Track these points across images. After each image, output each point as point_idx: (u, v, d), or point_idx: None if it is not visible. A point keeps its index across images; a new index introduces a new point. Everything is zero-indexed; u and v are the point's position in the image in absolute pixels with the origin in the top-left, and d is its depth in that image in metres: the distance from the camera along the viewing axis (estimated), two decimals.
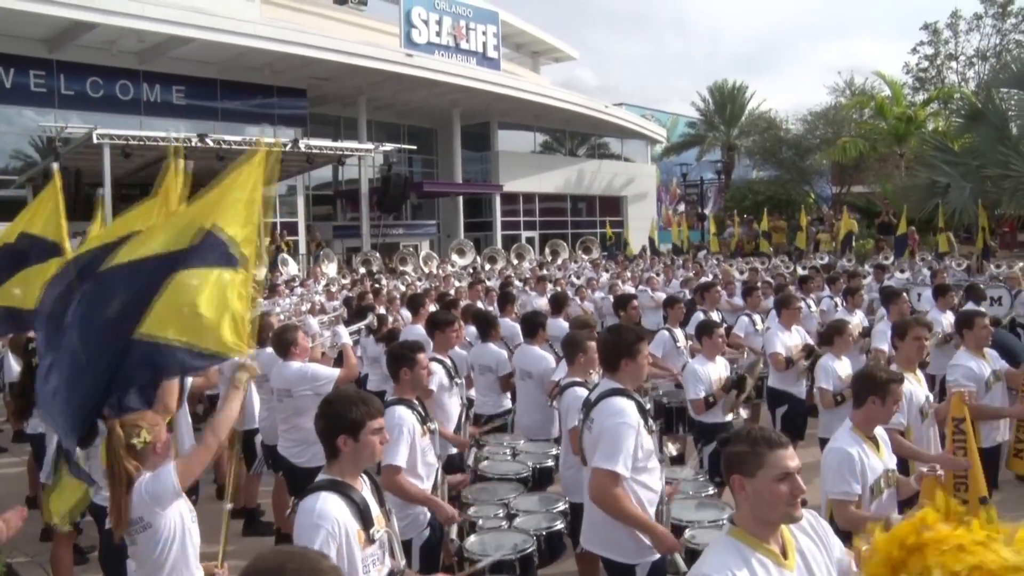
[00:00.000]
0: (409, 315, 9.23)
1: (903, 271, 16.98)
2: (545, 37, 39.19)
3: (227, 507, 4.00)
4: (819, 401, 6.35)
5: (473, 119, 34.56)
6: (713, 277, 14.90)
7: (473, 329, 7.95)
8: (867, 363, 6.95)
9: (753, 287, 10.65)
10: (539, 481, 5.36)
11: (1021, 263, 17.05)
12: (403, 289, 15.37)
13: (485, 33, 32.54)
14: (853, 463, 3.78)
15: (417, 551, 4.20)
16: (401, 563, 3.07)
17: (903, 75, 38.46)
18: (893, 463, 4.05)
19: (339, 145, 24.71)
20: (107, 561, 4.14)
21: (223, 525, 3.90)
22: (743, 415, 6.50)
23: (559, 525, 4.47)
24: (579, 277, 18.02)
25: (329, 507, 2.79)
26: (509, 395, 7.14)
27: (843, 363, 6.34)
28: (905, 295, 8.75)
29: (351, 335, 7.37)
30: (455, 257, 23.67)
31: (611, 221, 37.14)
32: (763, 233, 26.40)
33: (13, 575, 5.21)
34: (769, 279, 14.61)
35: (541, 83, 37.17)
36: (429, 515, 4.34)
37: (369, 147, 25.65)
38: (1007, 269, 14.88)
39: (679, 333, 8.33)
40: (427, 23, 30.22)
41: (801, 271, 16.53)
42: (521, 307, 11.07)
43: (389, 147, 26.35)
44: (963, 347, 5.96)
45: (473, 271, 20.75)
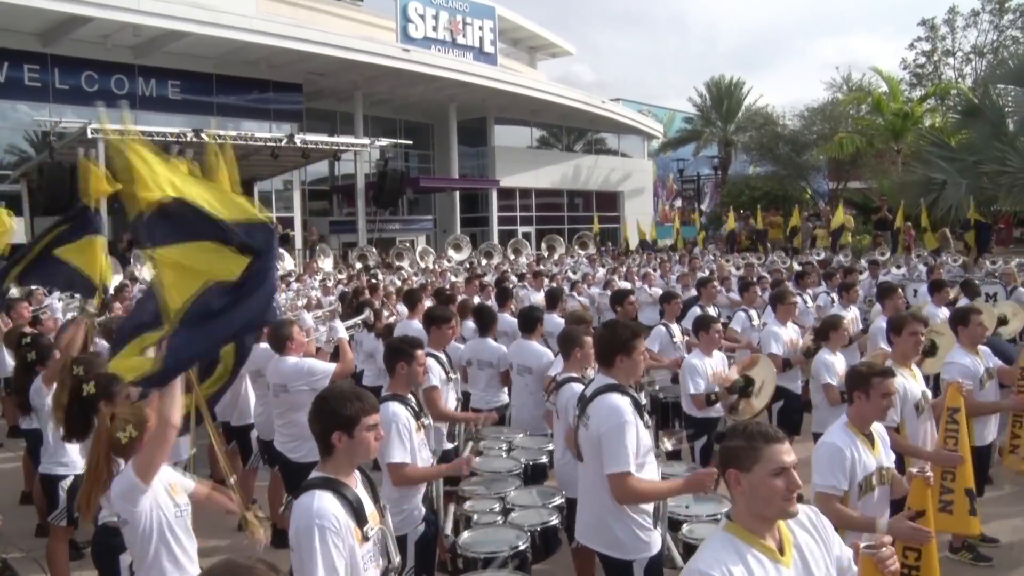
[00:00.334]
0: (405, 310, 9.23)
1: (899, 267, 17.00)
2: (542, 32, 39.10)
3: (231, 480, 4.03)
4: (814, 397, 6.35)
5: (469, 114, 34.49)
6: (709, 273, 14.90)
7: (470, 324, 7.95)
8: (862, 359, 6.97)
9: (750, 283, 10.65)
10: (533, 477, 5.36)
11: (1017, 259, 17.11)
12: (399, 284, 15.34)
13: (482, 28, 32.42)
14: (843, 458, 3.77)
15: (412, 547, 4.19)
16: (395, 560, 3.07)
17: (900, 71, 38.65)
18: (890, 461, 4.02)
19: (335, 140, 24.68)
20: (99, 557, 4.14)
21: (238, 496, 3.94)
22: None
23: (554, 520, 4.48)
24: (575, 272, 18.00)
25: (326, 505, 2.79)
26: (507, 389, 7.14)
27: (839, 358, 6.34)
28: (901, 291, 8.75)
29: (347, 330, 7.37)
30: (451, 252, 23.65)
31: (606, 216, 37.12)
32: (758, 232, 26.42)
33: (9, 570, 5.20)
34: (766, 275, 14.62)
35: (538, 78, 37.10)
36: (424, 511, 4.35)
37: (365, 142, 25.60)
38: (1003, 265, 14.89)
39: (676, 329, 8.32)
40: (423, 18, 30.10)
41: (797, 267, 16.54)
42: (518, 302, 11.05)
43: (385, 142, 26.28)
44: (958, 344, 5.97)
45: (470, 266, 20.74)
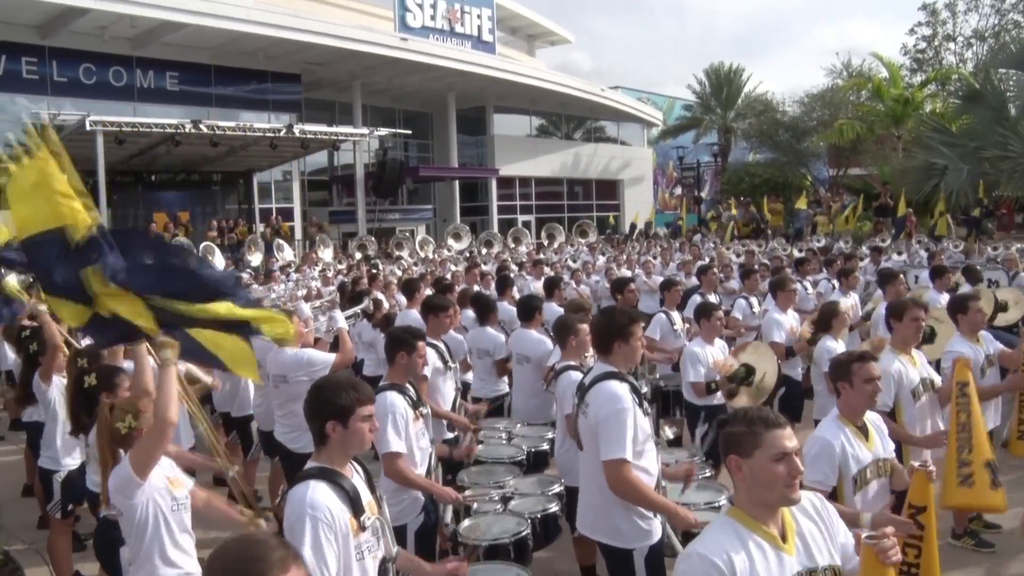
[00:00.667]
0: (405, 300, 9.21)
1: (900, 253, 16.97)
2: (540, 20, 38.97)
3: (231, 474, 4.02)
4: (816, 384, 6.33)
5: (468, 103, 34.41)
6: (710, 260, 14.87)
7: (470, 313, 7.93)
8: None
9: (751, 270, 10.62)
10: (534, 465, 5.35)
11: (1018, 244, 17.06)
12: (399, 274, 15.33)
13: (480, 17, 32.29)
14: (831, 453, 3.70)
15: (412, 536, 4.19)
16: (394, 550, 3.05)
17: (901, 56, 38.41)
18: (888, 452, 3.94)
19: (334, 130, 24.65)
20: (101, 549, 4.14)
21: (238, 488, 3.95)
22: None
23: (554, 508, 4.48)
24: (575, 261, 17.99)
25: (319, 496, 2.76)
26: (506, 379, 7.13)
27: (840, 345, 6.32)
28: (902, 277, 8.73)
29: (347, 320, 7.35)
30: (451, 242, 23.65)
31: (608, 205, 37.06)
32: (763, 220, 26.37)
33: (11, 562, 5.20)
34: (766, 262, 14.59)
35: (537, 67, 36.99)
36: (424, 500, 4.34)
37: (364, 132, 25.57)
38: (1004, 251, 14.85)
39: (676, 316, 8.30)
40: (421, 7, 29.97)
41: (798, 253, 16.51)
42: (518, 291, 11.03)
43: (384, 132, 26.26)
44: (957, 332, 5.94)
45: (469, 255, 20.71)
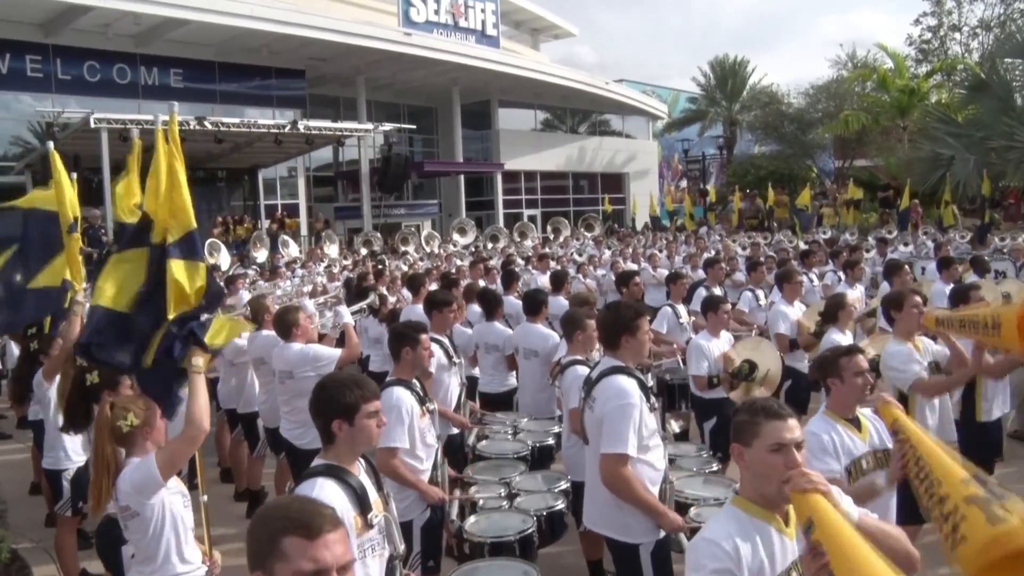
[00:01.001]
0: (410, 295, 9.21)
1: (906, 244, 16.90)
2: (544, 14, 38.87)
3: (202, 499, 3.99)
4: None
5: (473, 97, 34.32)
6: (715, 253, 14.83)
7: (477, 308, 7.91)
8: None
9: (757, 262, 10.59)
10: (539, 460, 5.34)
11: None
12: (405, 269, 15.32)
13: (484, 11, 32.20)
14: (823, 442, 3.62)
15: (418, 532, 4.19)
16: (400, 547, 3.05)
17: (906, 47, 38.25)
18: (887, 442, 3.73)
19: (339, 126, 24.60)
20: (103, 548, 4.14)
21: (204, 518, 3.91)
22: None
23: (560, 504, 4.46)
24: (581, 255, 17.96)
25: (327, 493, 2.75)
26: (514, 373, 7.11)
27: (847, 337, 6.29)
28: (907, 268, 8.69)
29: (353, 316, 7.35)
30: (456, 236, 23.59)
31: (613, 198, 36.97)
32: (767, 211, 26.28)
33: (18, 560, 5.21)
34: (772, 254, 14.55)
35: (541, 60, 36.90)
36: None
37: (369, 127, 25.51)
38: (1011, 241, 14.78)
39: (682, 309, 8.28)
40: (425, 1, 29.88)
41: (804, 245, 16.45)
42: (524, 285, 11.02)
43: (389, 127, 26.20)
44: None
45: (475, 250, 20.68)
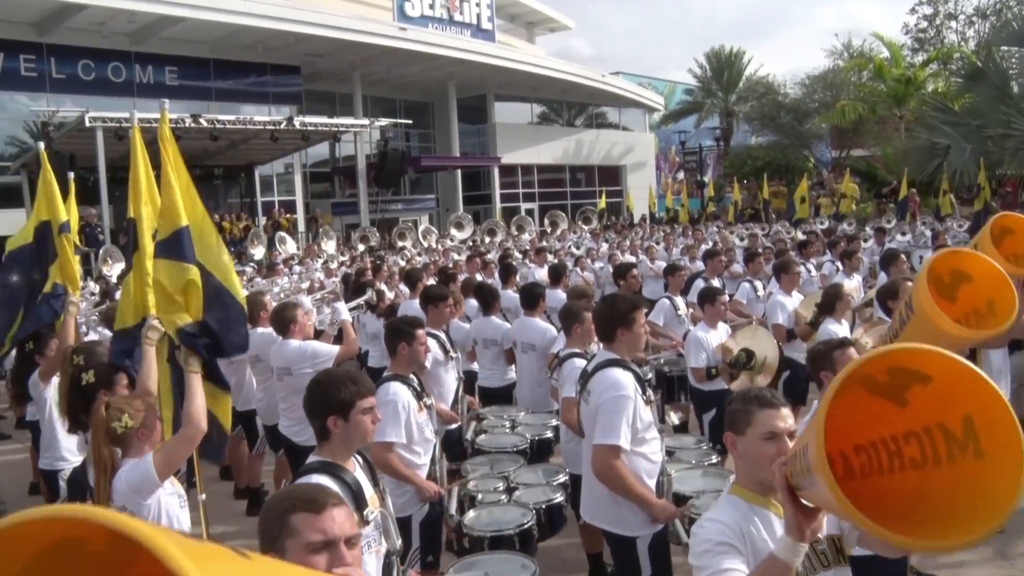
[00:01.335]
0: (408, 290, 9.20)
1: (904, 234, 16.90)
2: (539, 7, 38.75)
3: (201, 498, 3.99)
4: None
5: (469, 92, 34.26)
6: (713, 244, 14.83)
7: (475, 302, 7.91)
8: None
9: (755, 253, 10.60)
10: (538, 453, 5.34)
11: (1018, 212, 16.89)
12: (402, 264, 15.30)
13: (479, 4, 32.06)
14: None
15: (417, 527, 4.19)
16: (397, 543, 3.05)
17: (902, 36, 38.21)
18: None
19: (335, 122, 24.53)
20: None
21: (201, 513, 3.91)
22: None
23: (559, 498, 4.47)
24: (579, 248, 17.94)
25: None
26: (514, 367, 7.12)
27: (844, 328, 6.31)
28: (904, 257, 8.69)
29: (350, 311, 7.35)
30: (453, 231, 23.55)
31: (610, 191, 36.94)
32: (764, 201, 26.29)
33: None
34: (770, 244, 14.55)
35: (537, 54, 36.81)
36: None
37: (365, 123, 25.47)
38: None
39: (680, 301, 8.27)
40: None
41: (801, 236, 16.45)
42: (521, 279, 11.01)
43: (385, 122, 26.15)
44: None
45: (473, 244, 20.66)
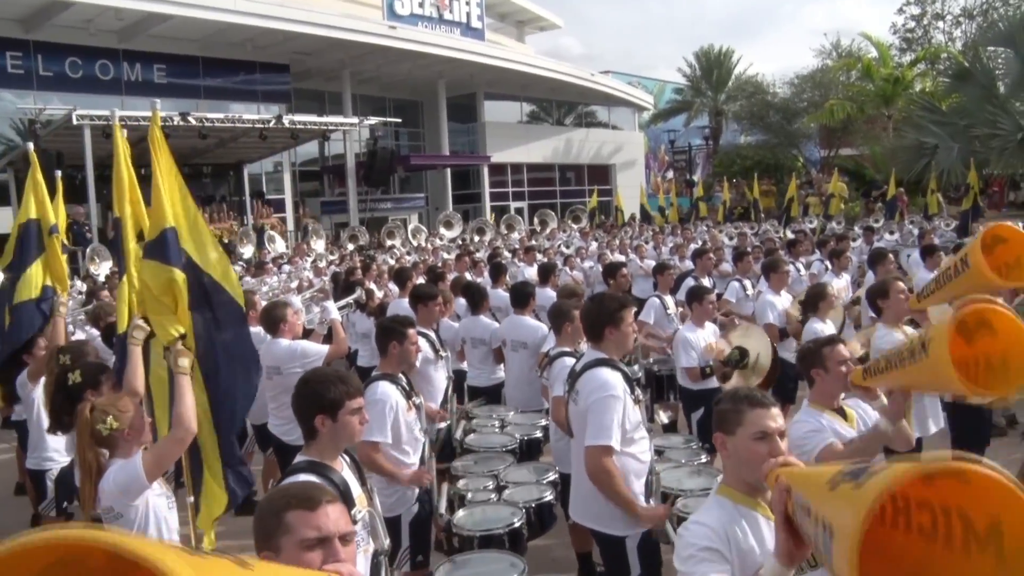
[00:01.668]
0: (397, 289, 9.18)
1: (892, 233, 16.97)
2: (529, 6, 38.73)
3: (189, 500, 3.96)
4: None
5: (459, 90, 34.21)
6: (702, 243, 14.86)
7: (463, 301, 7.90)
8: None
9: (744, 252, 10.63)
10: (528, 452, 5.34)
11: (1008, 222, 17.01)
12: (392, 263, 15.27)
13: (468, 3, 32.01)
14: (817, 424, 3.61)
15: (406, 527, 4.18)
16: (385, 543, 3.04)
17: (890, 36, 38.43)
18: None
19: (324, 120, 24.46)
20: None
21: (192, 520, 3.88)
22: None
23: (548, 496, 4.46)
24: (568, 247, 17.94)
25: None
26: (502, 367, 7.11)
27: (828, 326, 6.33)
28: (891, 256, 8.74)
29: (340, 310, 7.33)
30: (443, 230, 23.51)
31: (600, 190, 36.97)
32: (753, 201, 26.32)
33: None
34: (759, 244, 14.59)
35: (526, 52, 36.80)
36: (418, 490, 4.32)
37: (354, 121, 25.40)
38: None
39: (669, 300, 8.27)
40: None
41: (790, 235, 16.51)
42: (512, 278, 11.01)
43: (374, 121, 26.08)
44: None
45: (462, 243, 20.63)
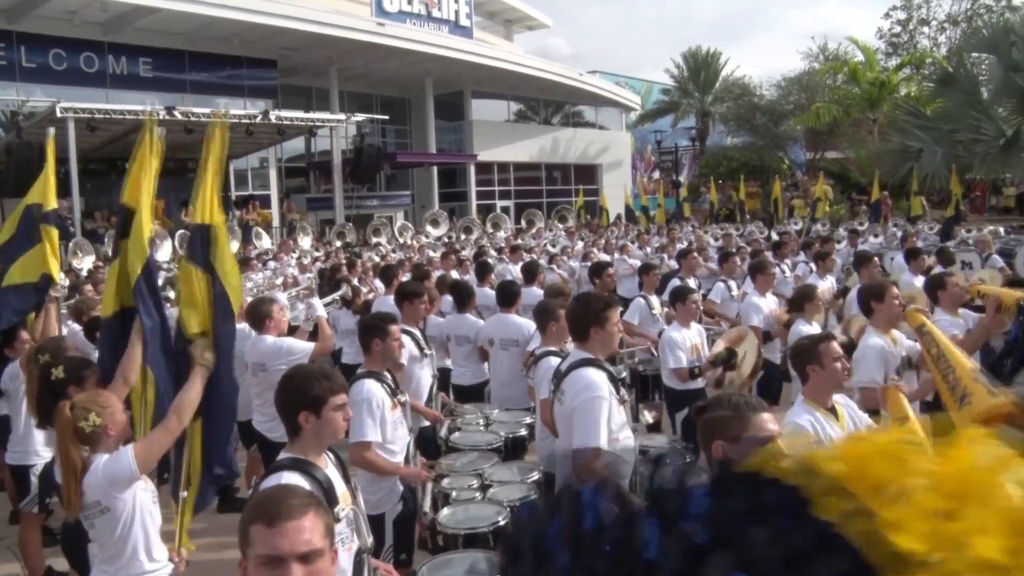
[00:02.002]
0: (383, 286, 9.16)
1: (876, 236, 17.09)
2: (518, 5, 38.73)
3: (182, 494, 3.92)
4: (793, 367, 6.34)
5: (446, 88, 34.15)
6: (688, 244, 14.91)
7: (449, 299, 7.88)
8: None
9: (729, 253, 10.67)
10: (512, 451, 5.33)
11: (990, 227, 17.26)
12: (377, 260, 15.23)
13: (457, 1, 32.02)
14: (805, 428, 3.60)
15: (390, 525, 4.17)
16: (368, 541, 3.03)
17: (876, 40, 38.71)
18: (863, 429, 3.82)
19: (311, 116, 24.36)
20: (68, 545, 4.06)
21: (178, 514, 3.83)
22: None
23: (533, 495, 4.44)
24: (554, 246, 17.95)
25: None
26: (487, 365, 7.10)
27: (814, 328, 6.35)
28: (876, 259, 8.80)
29: (325, 307, 7.29)
30: (429, 228, 23.48)
31: (586, 189, 37.03)
32: (738, 202, 26.46)
33: None
34: (744, 245, 14.66)
35: (515, 51, 36.80)
36: (401, 489, 4.30)
37: (341, 118, 25.32)
38: (977, 233, 14.99)
39: (654, 300, 8.28)
40: None
41: (775, 236, 16.59)
42: (498, 276, 11.00)
43: (361, 117, 25.98)
44: (939, 308, 5.98)
45: (448, 241, 20.60)
